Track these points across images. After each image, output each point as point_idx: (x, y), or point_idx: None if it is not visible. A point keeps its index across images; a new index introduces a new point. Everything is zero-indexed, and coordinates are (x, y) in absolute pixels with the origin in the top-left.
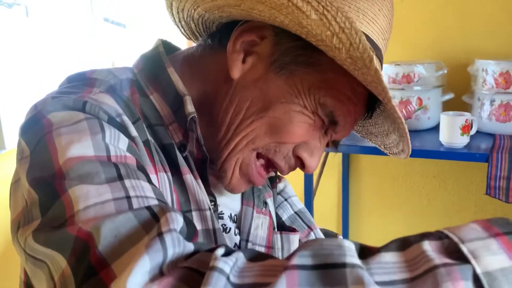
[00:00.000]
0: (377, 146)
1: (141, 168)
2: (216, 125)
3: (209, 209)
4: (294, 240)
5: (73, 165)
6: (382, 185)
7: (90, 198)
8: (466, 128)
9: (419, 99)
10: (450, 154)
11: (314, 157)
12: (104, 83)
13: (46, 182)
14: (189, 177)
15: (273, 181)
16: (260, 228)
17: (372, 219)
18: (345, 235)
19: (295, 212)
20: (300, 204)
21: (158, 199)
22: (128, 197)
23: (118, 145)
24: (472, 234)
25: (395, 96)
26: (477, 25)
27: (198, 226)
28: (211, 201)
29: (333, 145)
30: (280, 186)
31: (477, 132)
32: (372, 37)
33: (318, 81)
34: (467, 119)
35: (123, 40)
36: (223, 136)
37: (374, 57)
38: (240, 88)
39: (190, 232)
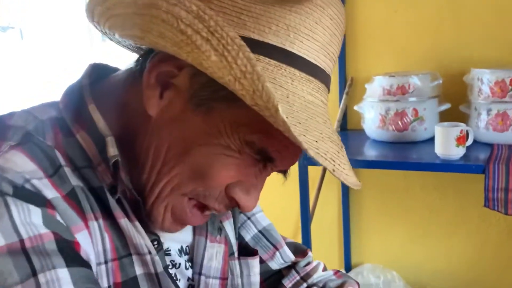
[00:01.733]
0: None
1: (62, 242)
2: (140, 166)
3: (149, 252)
4: (254, 265)
5: None
6: (383, 199)
7: None
8: (461, 139)
9: (415, 110)
10: (446, 166)
11: (251, 196)
12: (19, 131)
13: None
14: (123, 222)
15: None
16: (214, 258)
17: (374, 234)
18: (347, 251)
19: (259, 231)
20: (265, 221)
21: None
22: None
23: (31, 220)
24: None
25: (390, 108)
26: (473, 34)
27: (139, 271)
28: (153, 240)
29: (282, 173)
30: None
31: (475, 142)
32: (308, 57)
33: (241, 117)
34: (462, 130)
35: (128, 58)
36: (146, 179)
37: (318, 84)
38: (157, 128)
39: None
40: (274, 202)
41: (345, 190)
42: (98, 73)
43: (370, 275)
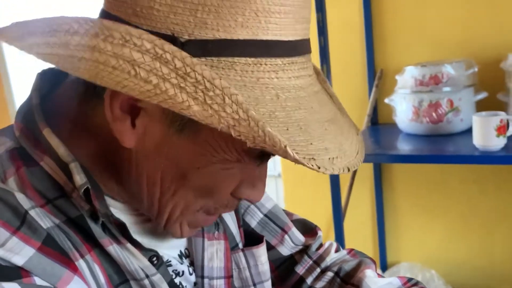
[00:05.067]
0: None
1: None
2: (135, 194)
3: (147, 276)
4: (260, 253)
5: None
6: (419, 195)
7: None
8: (501, 129)
9: (450, 100)
10: (487, 158)
11: (257, 188)
12: None
13: None
14: (112, 249)
15: None
16: (215, 257)
17: (410, 231)
18: (382, 250)
19: (265, 215)
20: (269, 203)
21: None
22: None
23: None
24: None
25: (424, 99)
26: (509, 17)
27: None
28: (152, 256)
29: None
30: None
31: None
32: (286, 38)
33: None
34: (502, 119)
35: None
36: (148, 206)
37: (302, 59)
38: (142, 157)
39: None
40: (305, 202)
41: (378, 186)
42: (49, 84)
43: (408, 275)
